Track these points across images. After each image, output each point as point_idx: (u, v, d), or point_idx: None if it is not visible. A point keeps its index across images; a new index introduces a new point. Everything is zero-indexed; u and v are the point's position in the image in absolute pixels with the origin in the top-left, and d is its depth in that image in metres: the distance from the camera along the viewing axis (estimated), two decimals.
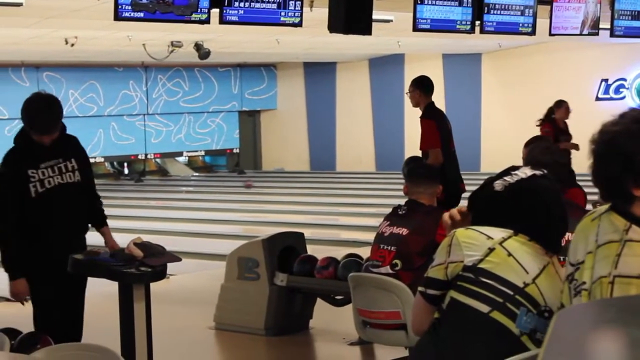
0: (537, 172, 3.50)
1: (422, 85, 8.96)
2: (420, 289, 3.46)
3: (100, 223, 6.02)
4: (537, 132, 12.65)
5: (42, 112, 5.73)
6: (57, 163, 5.76)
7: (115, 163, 25.03)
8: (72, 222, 5.85)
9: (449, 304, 3.36)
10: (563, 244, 3.56)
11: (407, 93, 9.05)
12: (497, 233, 3.36)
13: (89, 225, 6.01)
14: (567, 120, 12.64)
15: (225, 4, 7.69)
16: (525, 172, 3.50)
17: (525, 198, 3.44)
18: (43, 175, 5.72)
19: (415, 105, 8.95)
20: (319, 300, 7.63)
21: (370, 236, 6.20)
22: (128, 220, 14.83)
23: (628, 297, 2.70)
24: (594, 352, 1.65)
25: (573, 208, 4.95)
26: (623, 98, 20.01)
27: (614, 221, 2.89)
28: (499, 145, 20.58)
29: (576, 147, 11.07)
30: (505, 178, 3.48)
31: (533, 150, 5.39)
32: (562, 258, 4.26)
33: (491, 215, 3.43)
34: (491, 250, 3.31)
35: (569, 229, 4.72)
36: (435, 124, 8.75)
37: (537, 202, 3.44)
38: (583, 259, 2.93)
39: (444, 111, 9.68)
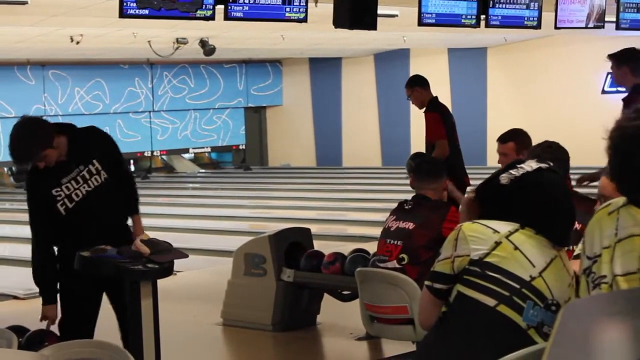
0: (543, 165, 3.50)
1: (417, 82, 8.94)
2: (427, 283, 3.46)
3: (131, 211, 5.80)
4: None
5: (16, 147, 5.53)
6: (78, 173, 5.58)
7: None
8: (111, 224, 5.67)
9: (455, 297, 3.36)
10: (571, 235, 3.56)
11: (408, 99, 9.03)
12: (504, 226, 3.36)
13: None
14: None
15: (230, 0, 7.69)
16: (531, 165, 3.50)
17: (531, 191, 3.44)
18: (68, 190, 5.56)
19: (421, 105, 8.92)
20: (326, 295, 7.64)
21: (377, 231, 6.20)
22: None
23: (635, 289, 2.70)
24: (601, 344, 1.65)
25: (582, 200, 4.96)
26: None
27: (634, 215, 2.88)
28: None
29: None
30: (511, 171, 3.48)
31: (535, 149, 5.43)
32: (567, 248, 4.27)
33: (497, 208, 3.43)
34: (497, 244, 3.31)
35: (580, 221, 4.73)
36: (440, 117, 8.75)
37: (543, 196, 3.44)
38: (600, 252, 2.92)
39: (450, 105, 9.67)
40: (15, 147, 5.52)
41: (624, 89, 8.04)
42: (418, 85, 8.92)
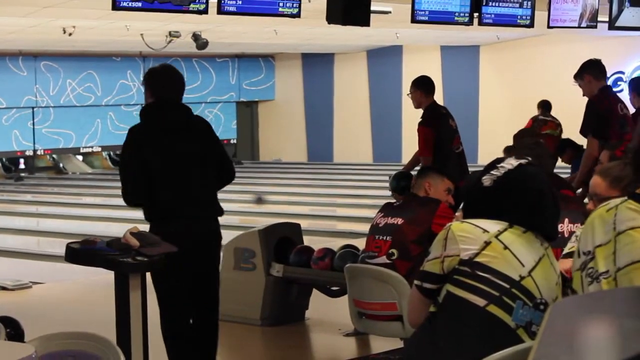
0: (522, 161, 3.50)
1: (423, 86, 8.87)
2: (416, 282, 3.46)
3: None
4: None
5: None
6: None
7: (111, 153, 25.02)
8: None
9: (445, 297, 3.35)
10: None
11: (408, 94, 9.00)
12: (493, 226, 3.35)
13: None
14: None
15: None
16: (511, 162, 3.49)
17: (515, 189, 3.43)
18: None
19: (417, 106, 8.88)
20: (314, 291, 7.64)
21: (367, 227, 6.20)
22: (124, 210, 14.82)
23: (621, 289, 2.71)
24: (587, 343, 1.66)
25: (570, 200, 4.98)
26: (621, 91, 19.97)
27: (633, 209, 2.92)
28: (497, 137, 20.58)
29: None
30: (492, 172, 3.47)
31: (517, 148, 5.49)
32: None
33: (484, 211, 3.42)
34: (487, 243, 3.31)
35: (574, 221, 4.74)
36: (431, 132, 8.66)
37: (528, 191, 3.44)
38: (597, 247, 2.94)
39: (442, 103, 9.64)
40: None
41: (616, 90, 8.26)
42: (420, 90, 8.82)
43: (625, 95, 10.78)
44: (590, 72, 8.18)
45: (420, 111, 8.83)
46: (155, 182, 5.60)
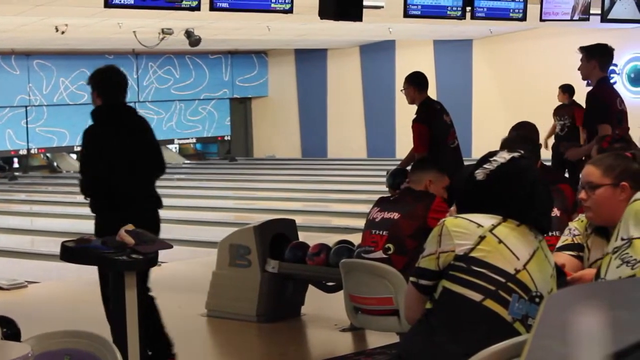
0: (515, 155, 3.51)
1: (416, 82, 8.86)
2: (412, 279, 3.46)
3: None
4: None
5: None
6: None
7: None
8: None
9: (441, 293, 3.36)
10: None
11: (401, 90, 9.00)
12: (487, 220, 3.36)
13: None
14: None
15: None
16: (504, 156, 3.50)
17: (508, 182, 3.44)
18: None
19: (411, 102, 8.88)
20: (310, 286, 7.65)
21: (361, 223, 6.21)
22: None
23: (616, 281, 2.73)
24: (581, 335, 1.66)
25: (558, 191, 5.02)
26: (614, 84, 20.00)
27: None
28: (490, 131, 20.60)
29: None
30: (485, 166, 3.48)
31: (507, 141, 5.54)
32: (556, 233, 4.32)
33: (477, 205, 3.43)
34: (482, 238, 3.32)
35: (560, 208, 4.79)
36: (425, 128, 8.66)
37: (521, 183, 3.45)
38: (637, 235, 3.01)
39: (435, 98, 9.64)
40: None
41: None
42: (413, 85, 8.81)
43: (618, 88, 10.85)
44: (599, 60, 8.04)
45: (414, 106, 8.83)
46: (110, 177, 6.08)
